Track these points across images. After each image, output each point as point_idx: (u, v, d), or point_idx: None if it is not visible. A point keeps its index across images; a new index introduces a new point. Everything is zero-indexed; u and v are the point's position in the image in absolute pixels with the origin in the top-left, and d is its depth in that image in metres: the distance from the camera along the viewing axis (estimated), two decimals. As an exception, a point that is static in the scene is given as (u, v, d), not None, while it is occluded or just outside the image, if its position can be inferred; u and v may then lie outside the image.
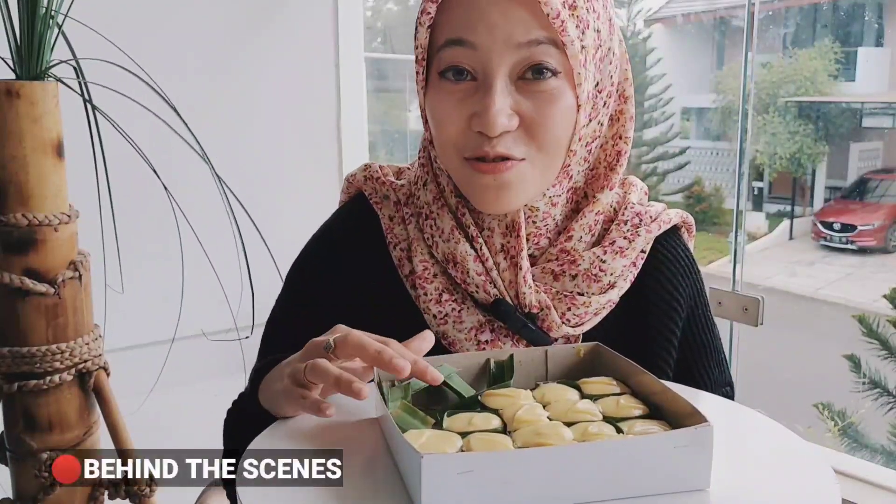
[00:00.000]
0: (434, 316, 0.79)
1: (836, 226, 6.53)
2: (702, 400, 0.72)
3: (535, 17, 0.71)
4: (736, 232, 2.07)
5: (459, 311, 0.79)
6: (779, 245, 6.93)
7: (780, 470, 0.59)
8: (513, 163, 0.73)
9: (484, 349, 0.78)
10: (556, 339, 0.80)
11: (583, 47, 0.72)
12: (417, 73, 0.76)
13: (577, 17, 0.72)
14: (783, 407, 4.00)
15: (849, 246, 6.37)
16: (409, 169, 0.89)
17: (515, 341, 0.79)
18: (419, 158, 0.84)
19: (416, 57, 0.76)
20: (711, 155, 7.58)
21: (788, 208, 7.13)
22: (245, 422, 0.72)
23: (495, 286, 0.78)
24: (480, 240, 0.79)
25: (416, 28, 0.75)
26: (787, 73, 6.57)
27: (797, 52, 6.52)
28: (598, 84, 0.76)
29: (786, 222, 7.05)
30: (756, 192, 7.17)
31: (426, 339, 0.68)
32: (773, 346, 4.63)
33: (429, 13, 0.73)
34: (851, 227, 6.40)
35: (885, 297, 2.84)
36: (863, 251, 6.33)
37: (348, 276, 0.84)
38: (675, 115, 7.49)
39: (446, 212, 0.80)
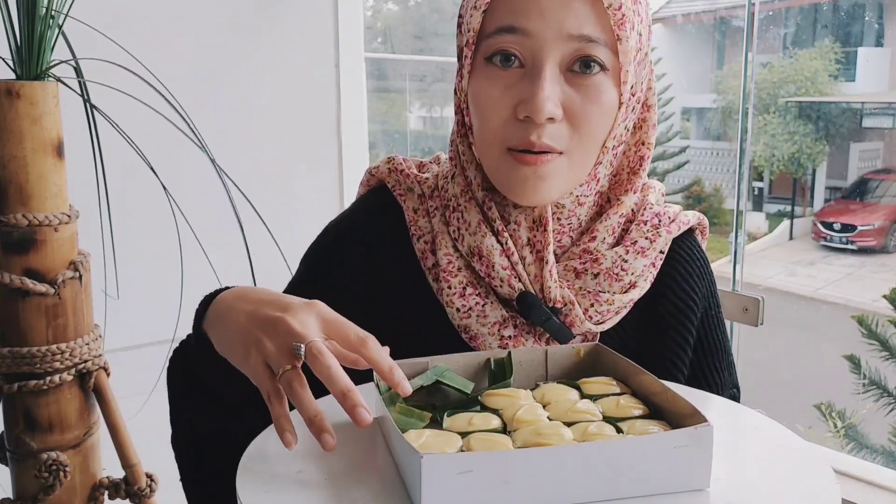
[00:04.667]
0: (458, 310, 0.79)
1: (836, 226, 6.52)
2: (702, 400, 0.72)
3: (592, 10, 0.72)
4: (736, 232, 2.07)
5: (483, 306, 0.79)
6: (779, 245, 6.93)
7: (780, 470, 0.59)
8: (553, 155, 0.74)
9: (507, 345, 0.78)
10: (576, 336, 0.80)
11: (629, 46, 0.73)
12: (465, 57, 0.76)
13: (628, 16, 0.73)
14: (783, 407, 3.99)
15: (849, 246, 6.37)
16: (431, 163, 0.90)
17: (538, 338, 0.79)
18: (448, 152, 0.85)
19: (466, 41, 0.76)
20: (711, 155, 7.58)
21: (788, 208, 7.13)
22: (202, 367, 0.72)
23: (520, 280, 0.78)
24: (506, 234, 0.79)
25: (466, 12, 0.76)
26: (787, 73, 6.57)
27: (797, 53, 6.52)
28: (632, 87, 0.77)
29: (786, 222, 7.05)
30: (756, 193, 7.16)
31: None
32: (773, 346, 4.63)
33: None
34: (851, 228, 6.40)
35: (884, 297, 2.84)
36: (863, 251, 6.32)
37: (368, 265, 0.83)
38: (675, 114, 7.48)
39: (473, 205, 0.81)
